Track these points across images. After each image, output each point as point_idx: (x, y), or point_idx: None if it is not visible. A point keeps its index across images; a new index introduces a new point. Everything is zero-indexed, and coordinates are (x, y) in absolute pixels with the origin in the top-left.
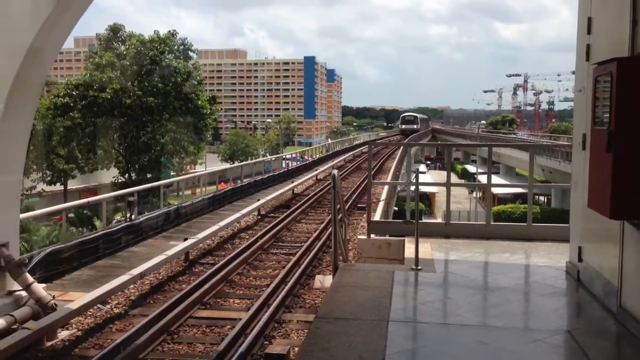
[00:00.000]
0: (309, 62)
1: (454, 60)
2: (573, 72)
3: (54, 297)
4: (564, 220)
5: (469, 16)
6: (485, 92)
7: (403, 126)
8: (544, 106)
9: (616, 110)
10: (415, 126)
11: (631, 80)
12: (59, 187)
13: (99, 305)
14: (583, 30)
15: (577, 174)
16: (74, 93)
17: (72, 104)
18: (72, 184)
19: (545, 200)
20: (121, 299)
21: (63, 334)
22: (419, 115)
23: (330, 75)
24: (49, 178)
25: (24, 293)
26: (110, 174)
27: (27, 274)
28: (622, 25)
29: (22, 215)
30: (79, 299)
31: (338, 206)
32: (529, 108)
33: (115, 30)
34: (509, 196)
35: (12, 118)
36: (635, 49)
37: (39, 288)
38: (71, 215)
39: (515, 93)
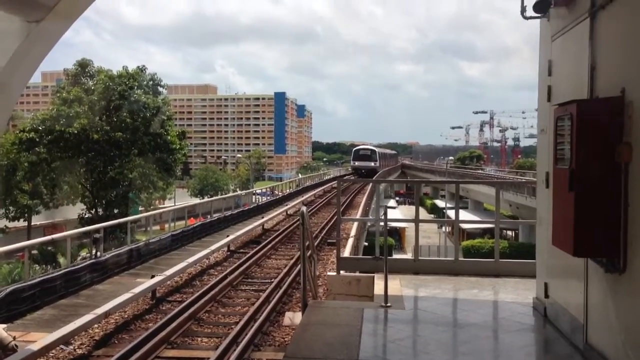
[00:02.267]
0: (280, 97)
1: (421, 97)
2: (537, 110)
3: (14, 338)
4: (532, 254)
5: (436, 55)
6: (453, 128)
7: (356, 163)
8: (510, 142)
9: (577, 150)
10: (372, 164)
11: (590, 121)
12: (22, 223)
13: (61, 346)
14: (544, 72)
15: (542, 211)
16: (40, 128)
17: (37, 139)
18: (37, 220)
19: (513, 235)
20: (85, 339)
21: None
22: (379, 150)
23: (301, 110)
24: (12, 214)
25: None
26: (76, 209)
27: None
28: (581, 68)
29: None
30: (41, 339)
31: (307, 242)
32: (496, 144)
33: (83, 65)
34: (478, 231)
35: None
36: (594, 92)
37: None
38: (35, 252)
39: (482, 129)
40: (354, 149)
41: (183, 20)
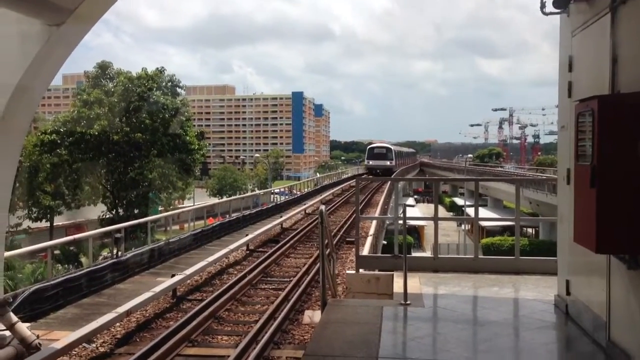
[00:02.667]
0: (297, 97)
1: (439, 95)
2: (557, 107)
3: (38, 337)
4: (552, 252)
5: (454, 52)
6: (472, 125)
7: (370, 162)
8: (530, 139)
9: (598, 146)
10: (388, 163)
11: (612, 116)
12: (45, 223)
13: (84, 345)
14: (564, 68)
15: (563, 208)
16: (62, 130)
17: (59, 141)
18: (59, 220)
19: (533, 232)
20: (107, 338)
21: None
22: (395, 148)
23: (318, 110)
24: (35, 215)
25: (7, 333)
26: (97, 210)
27: (11, 313)
28: (602, 63)
29: (7, 253)
30: (64, 338)
31: (326, 241)
32: (515, 141)
33: (103, 67)
34: (497, 228)
35: None
36: (615, 87)
37: (23, 327)
38: (57, 252)
39: (501, 127)
40: (368, 147)
41: (201, 21)
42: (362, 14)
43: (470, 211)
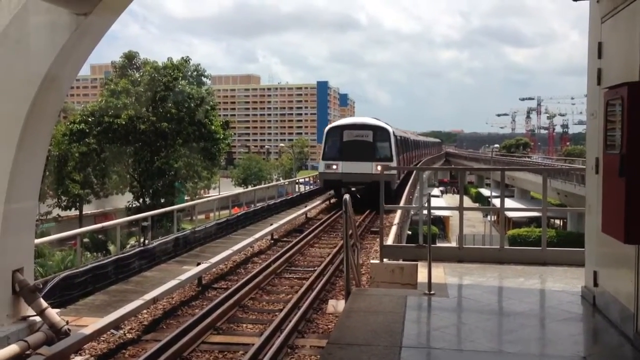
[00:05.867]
0: (322, 86)
1: (465, 85)
2: (586, 96)
3: (67, 323)
4: (580, 244)
5: (480, 41)
6: (499, 115)
7: (335, 165)
8: (558, 129)
9: (628, 134)
10: (377, 166)
11: None
12: (74, 212)
13: (112, 331)
14: (594, 54)
15: (591, 198)
16: (90, 119)
17: (87, 130)
18: (87, 209)
19: (561, 224)
20: (134, 324)
21: None
22: (396, 131)
23: (343, 99)
24: (64, 203)
25: (37, 318)
26: (124, 199)
27: (41, 299)
28: (632, 49)
29: (37, 241)
30: (93, 324)
31: (350, 231)
32: (543, 131)
33: (130, 57)
34: (524, 220)
35: (28, 144)
36: None
37: (53, 313)
38: (86, 240)
39: (528, 116)
40: (330, 126)
41: (226, 11)
42: (388, 2)
43: (497, 202)
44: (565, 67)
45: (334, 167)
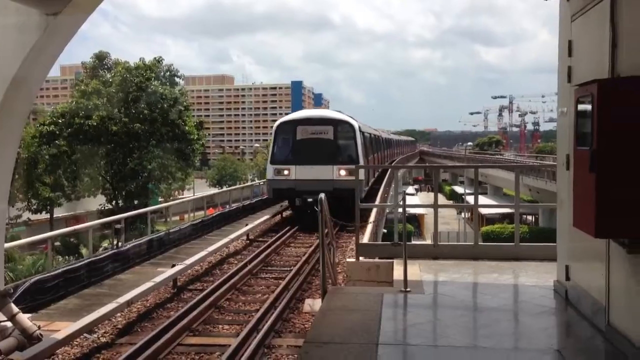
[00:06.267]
0: (297, 86)
1: (438, 84)
2: (557, 94)
3: (39, 327)
4: (552, 239)
5: (452, 40)
6: (472, 114)
7: (287, 171)
8: (530, 127)
9: (598, 130)
10: (341, 172)
11: (612, 100)
12: (45, 215)
13: (85, 335)
14: (564, 52)
15: (562, 194)
16: (60, 121)
17: (57, 132)
18: (59, 212)
19: (533, 220)
20: (108, 328)
21: None
22: (362, 126)
23: (318, 99)
24: (34, 206)
25: (9, 324)
26: (97, 201)
27: (12, 304)
28: (602, 47)
29: (7, 245)
30: (65, 328)
31: (326, 230)
32: (515, 129)
33: (100, 57)
34: (497, 216)
35: None
36: (615, 71)
37: (24, 318)
38: (57, 243)
39: (500, 114)
40: (280, 121)
41: (198, 10)
42: (361, 2)
43: (470, 199)
44: (536, 66)
45: (286, 172)
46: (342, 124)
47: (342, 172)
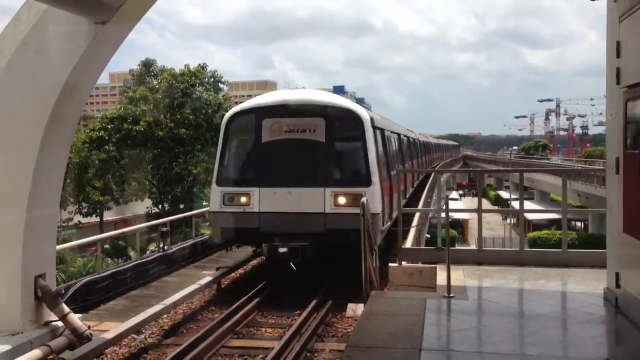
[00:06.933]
0: (339, 90)
1: (482, 87)
2: (605, 96)
3: (89, 327)
4: (602, 245)
5: (497, 43)
6: (517, 117)
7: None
8: (578, 131)
9: None
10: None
11: None
12: (95, 218)
13: (133, 335)
14: (612, 54)
15: (612, 198)
16: (109, 127)
17: (107, 137)
18: (108, 216)
19: (582, 226)
20: (155, 329)
21: None
22: (373, 116)
23: (360, 103)
24: (85, 210)
25: (60, 323)
26: (144, 205)
27: (64, 305)
28: None
29: (59, 247)
30: (114, 329)
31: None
32: (562, 133)
33: (147, 65)
34: (544, 222)
35: (48, 152)
36: None
37: (75, 318)
38: (107, 246)
39: (547, 118)
40: (230, 114)
41: (242, 18)
42: (403, 7)
43: (516, 204)
44: (584, 68)
45: (243, 200)
46: (340, 114)
47: (341, 200)
